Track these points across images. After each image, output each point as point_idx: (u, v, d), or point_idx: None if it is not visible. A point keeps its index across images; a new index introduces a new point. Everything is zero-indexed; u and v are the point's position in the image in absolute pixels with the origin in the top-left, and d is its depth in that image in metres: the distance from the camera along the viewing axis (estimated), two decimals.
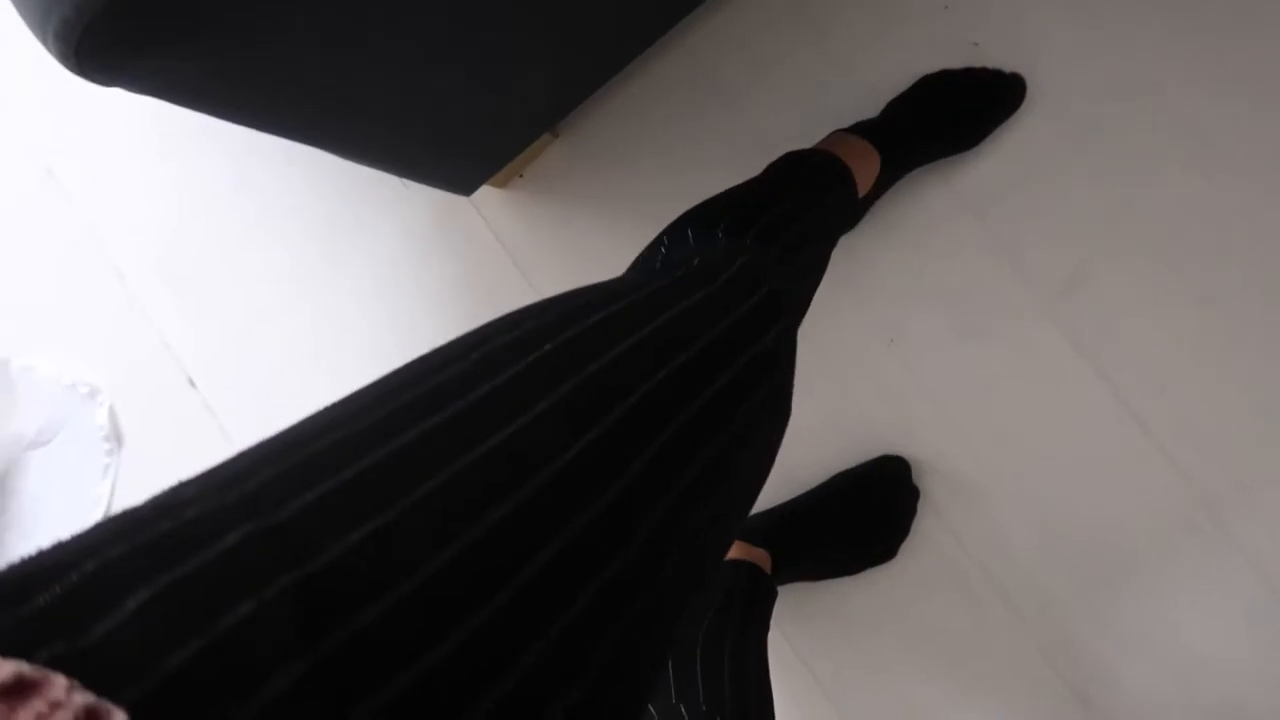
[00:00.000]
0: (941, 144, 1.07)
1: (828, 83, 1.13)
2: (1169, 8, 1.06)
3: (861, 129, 1.03)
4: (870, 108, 1.10)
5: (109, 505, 1.27)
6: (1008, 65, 1.08)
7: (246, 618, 0.27)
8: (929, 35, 1.10)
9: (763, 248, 0.63)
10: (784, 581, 1.08)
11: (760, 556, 1.04)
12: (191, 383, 1.27)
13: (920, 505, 1.10)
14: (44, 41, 0.50)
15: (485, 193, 1.20)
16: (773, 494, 1.12)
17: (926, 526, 1.11)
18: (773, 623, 1.00)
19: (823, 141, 1.00)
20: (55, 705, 0.21)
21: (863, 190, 0.96)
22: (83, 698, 0.22)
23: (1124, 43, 1.07)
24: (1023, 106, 1.08)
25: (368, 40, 0.71)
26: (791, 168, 0.86)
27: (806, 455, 1.13)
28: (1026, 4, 1.09)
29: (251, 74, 0.64)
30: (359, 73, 0.73)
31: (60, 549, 0.28)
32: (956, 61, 1.09)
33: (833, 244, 0.83)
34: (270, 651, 0.27)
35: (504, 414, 0.38)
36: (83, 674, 0.23)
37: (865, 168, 0.97)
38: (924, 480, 1.11)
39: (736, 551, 1.04)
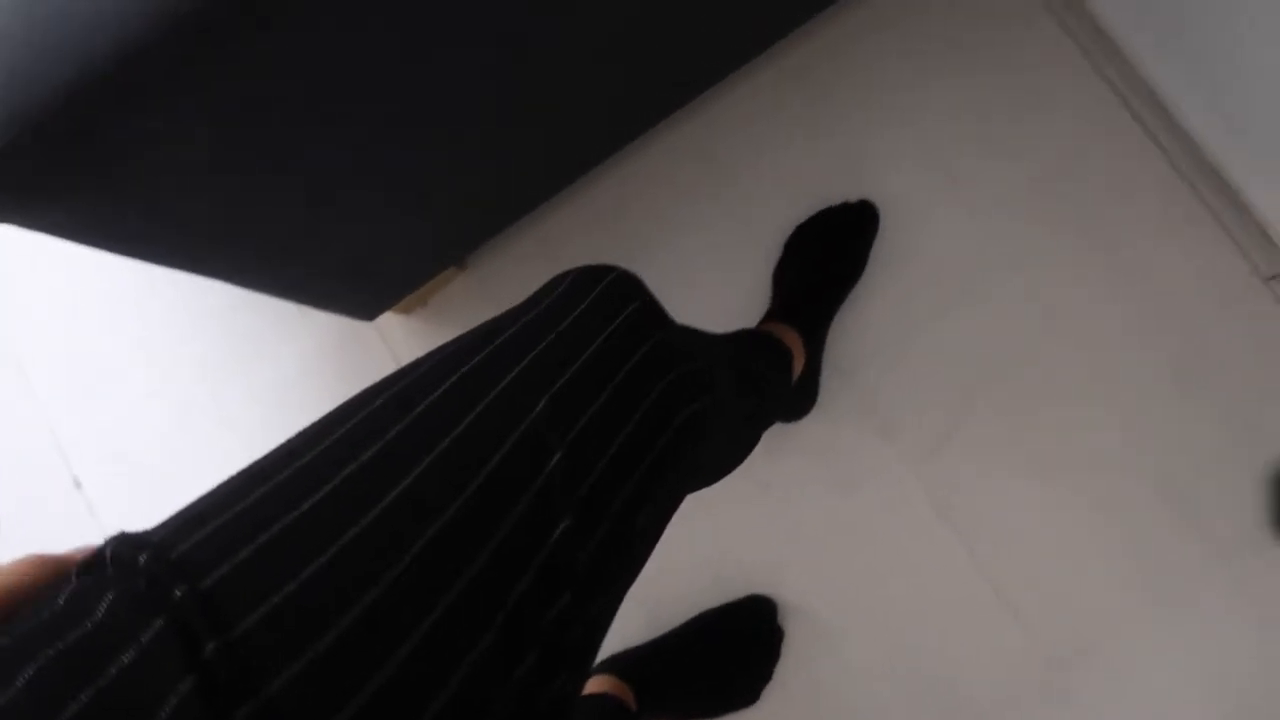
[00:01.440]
0: (835, 288, 1.15)
1: (728, 227, 1.21)
2: (1014, 173, 1.17)
3: (771, 315, 1.12)
4: (769, 245, 1.19)
5: None
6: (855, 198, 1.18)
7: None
8: (806, 178, 1.20)
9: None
10: (648, 718, 1.10)
11: (624, 691, 1.06)
12: (77, 483, 1.27)
13: (784, 647, 1.14)
14: None
15: (389, 317, 1.24)
16: (640, 629, 1.15)
17: (788, 671, 1.14)
18: None
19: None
20: None
21: (797, 371, 1.06)
22: None
23: (982, 218, 1.17)
24: (889, 270, 1.17)
25: (268, 187, 0.76)
26: (758, 339, 0.95)
27: (676, 592, 1.16)
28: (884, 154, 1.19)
29: (145, 220, 0.68)
30: (257, 218, 0.78)
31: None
32: (823, 189, 1.19)
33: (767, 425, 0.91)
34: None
35: (396, 471, 0.42)
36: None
37: (797, 352, 1.06)
38: (789, 622, 1.15)
39: (601, 685, 1.06)
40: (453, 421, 0.45)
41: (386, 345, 1.25)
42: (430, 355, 0.50)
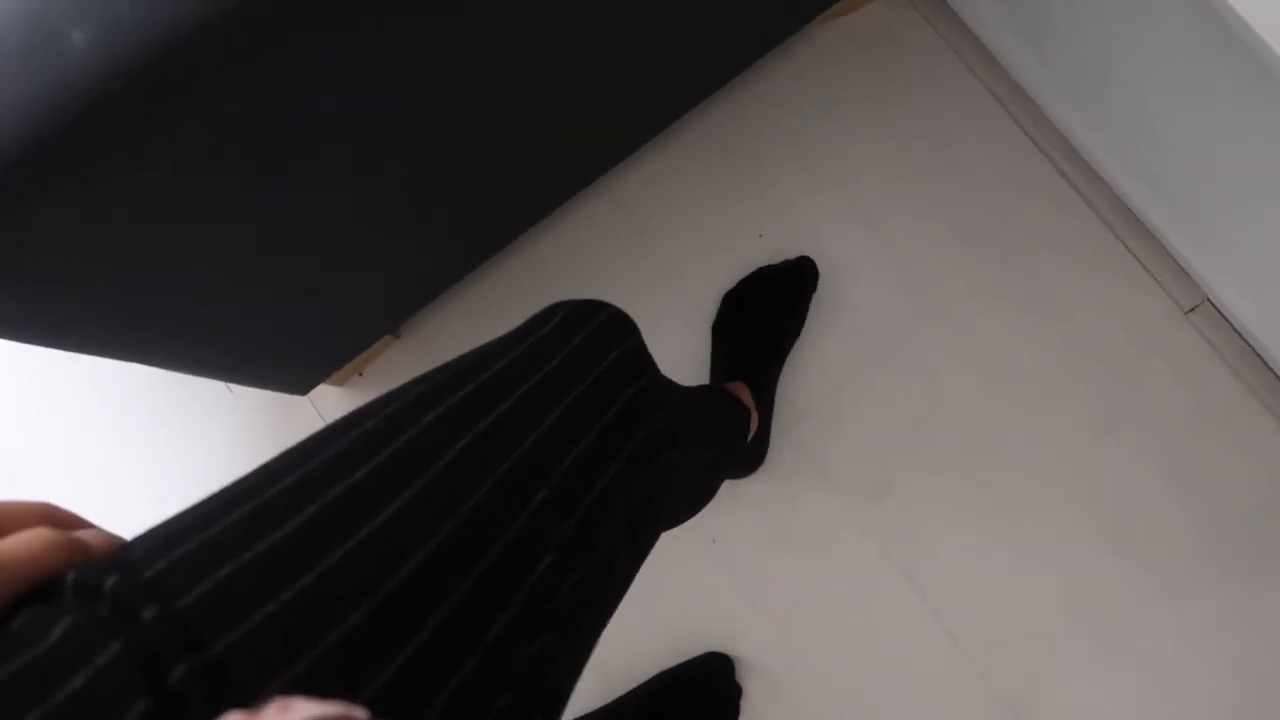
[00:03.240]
0: (781, 345, 1.16)
1: (658, 289, 1.22)
2: (943, 218, 1.19)
3: (723, 373, 1.13)
4: (698, 309, 1.19)
5: None
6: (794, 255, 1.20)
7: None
8: (733, 241, 1.21)
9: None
10: None
11: None
12: None
13: (742, 703, 1.12)
14: None
15: (323, 389, 1.22)
16: (596, 693, 1.13)
17: None
18: None
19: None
20: None
21: (753, 429, 1.07)
22: None
23: (912, 260, 1.19)
24: (823, 324, 1.18)
25: (190, 269, 0.74)
26: (718, 395, 0.97)
27: (631, 652, 1.14)
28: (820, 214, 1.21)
29: (60, 309, 0.66)
30: (180, 300, 0.76)
31: None
32: (752, 252, 1.20)
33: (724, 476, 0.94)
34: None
35: (378, 500, 0.41)
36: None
37: (752, 409, 1.07)
38: (746, 679, 1.14)
39: None
40: (438, 454, 0.44)
41: (322, 418, 1.23)
42: (417, 382, 0.49)
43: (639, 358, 0.57)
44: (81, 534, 0.37)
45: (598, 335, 0.55)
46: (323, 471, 0.42)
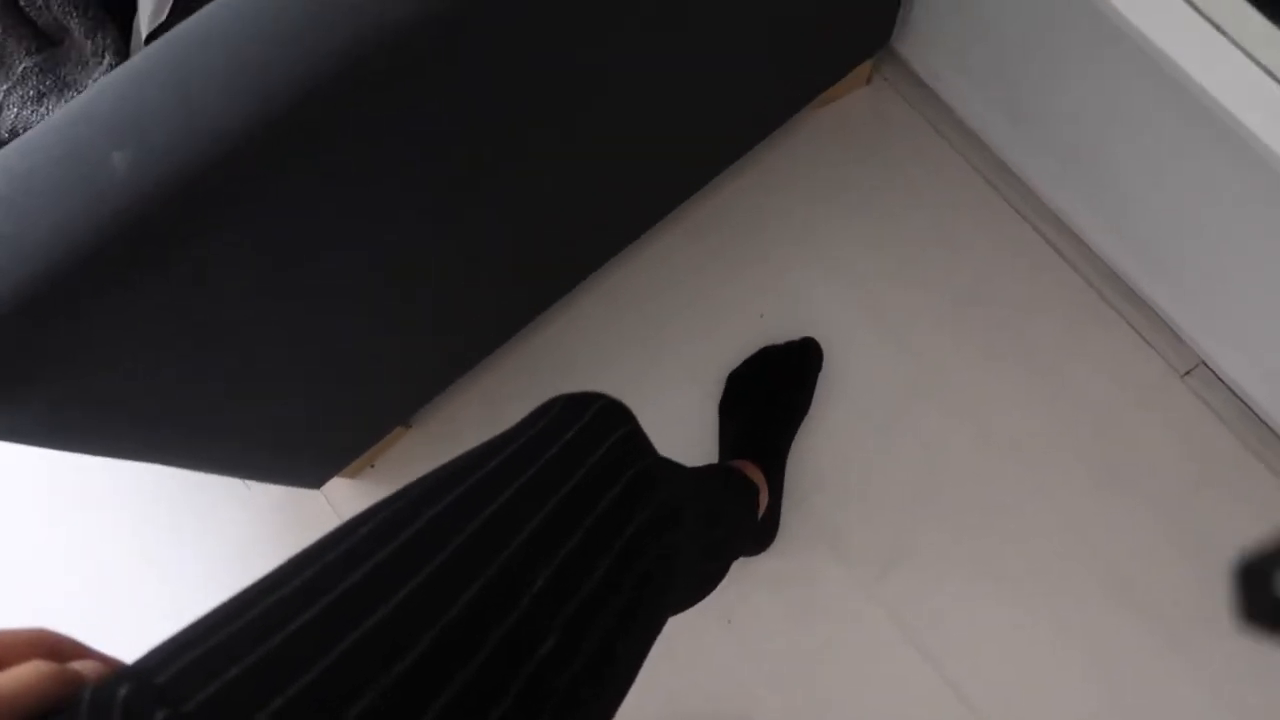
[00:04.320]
0: (790, 423, 1.18)
1: (662, 371, 1.24)
2: (943, 308, 1.22)
3: (733, 453, 1.14)
4: (702, 389, 1.21)
5: None
6: (796, 334, 1.23)
7: None
8: (734, 322, 1.24)
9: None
10: None
11: None
12: None
13: None
14: None
15: (336, 482, 1.23)
16: None
17: None
18: None
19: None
20: None
21: (763, 506, 1.09)
22: None
23: (905, 336, 1.22)
24: (828, 398, 1.20)
25: (210, 376, 0.76)
26: (728, 475, 0.99)
27: None
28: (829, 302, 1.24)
29: (75, 413, 0.68)
30: (196, 404, 0.78)
31: None
32: (753, 331, 1.23)
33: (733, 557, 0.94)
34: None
35: (379, 595, 0.43)
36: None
37: (762, 487, 1.08)
38: None
39: None
40: (437, 548, 0.46)
41: (335, 511, 1.24)
42: (415, 485, 0.51)
43: (636, 443, 0.58)
44: (78, 665, 0.39)
45: (592, 425, 0.57)
46: (323, 575, 0.44)
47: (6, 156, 0.56)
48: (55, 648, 0.39)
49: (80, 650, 0.41)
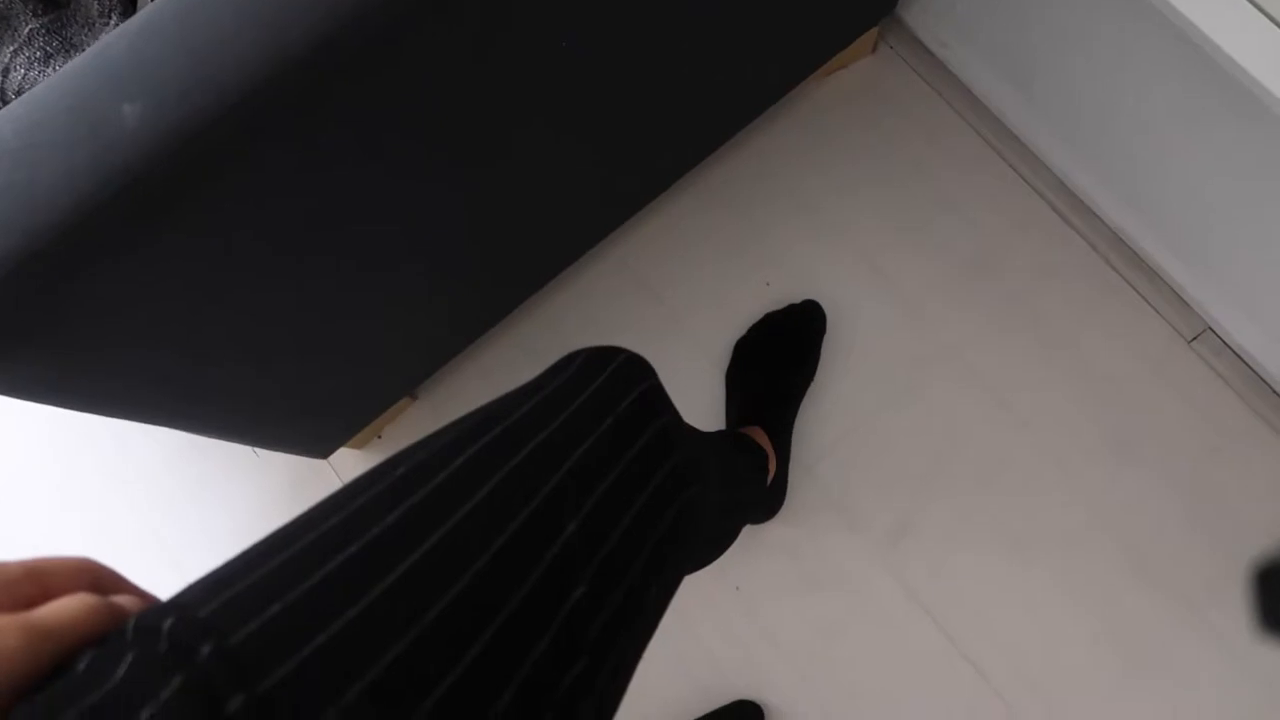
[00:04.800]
0: (796, 389, 1.18)
1: (669, 341, 1.24)
2: (954, 272, 1.22)
3: (740, 419, 1.14)
4: (709, 358, 1.21)
5: None
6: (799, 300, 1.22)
7: None
8: (741, 291, 1.24)
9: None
10: None
11: None
12: None
13: None
14: None
15: (343, 453, 1.23)
16: None
17: None
18: None
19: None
20: None
21: (771, 472, 1.09)
22: None
23: (917, 307, 1.22)
24: (835, 366, 1.20)
25: (222, 339, 0.76)
26: (738, 441, 0.99)
27: (659, 703, 1.14)
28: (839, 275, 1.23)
29: (91, 374, 0.68)
30: (207, 368, 0.78)
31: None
32: (760, 300, 1.23)
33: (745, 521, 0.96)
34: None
35: (415, 537, 0.43)
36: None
37: (770, 453, 1.09)
38: None
39: None
40: (469, 493, 0.46)
41: (341, 481, 1.24)
42: (446, 430, 0.51)
43: (658, 399, 0.59)
44: (120, 600, 0.39)
45: (615, 378, 0.57)
46: (360, 515, 0.44)
47: (15, 108, 0.55)
48: (98, 578, 0.40)
49: (121, 584, 0.41)
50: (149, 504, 1.26)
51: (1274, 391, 1.13)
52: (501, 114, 0.76)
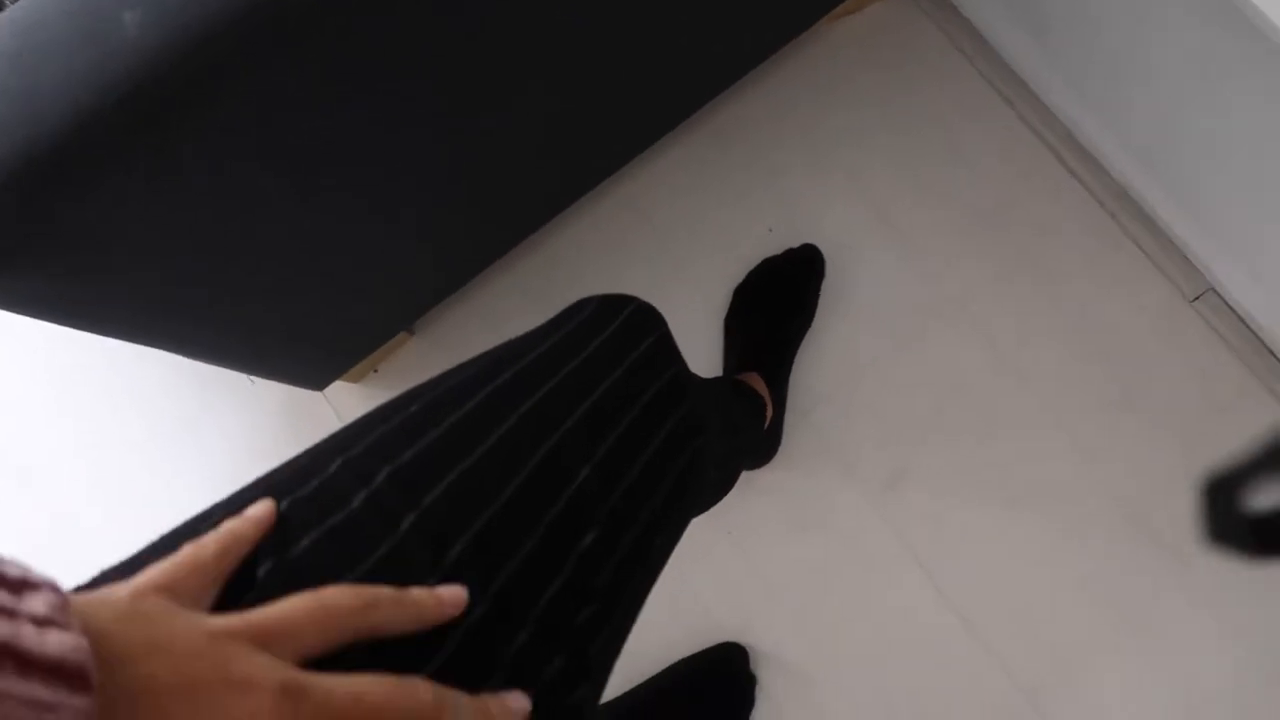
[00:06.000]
0: (793, 335, 1.17)
1: (669, 284, 1.23)
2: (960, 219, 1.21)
3: (738, 365, 1.14)
4: (709, 303, 1.21)
5: None
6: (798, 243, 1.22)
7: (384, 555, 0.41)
8: (743, 236, 1.23)
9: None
10: None
11: None
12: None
13: (757, 693, 1.13)
14: None
15: (339, 386, 1.23)
16: (613, 683, 1.13)
17: (764, 717, 1.13)
18: None
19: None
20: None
21: (768, 418, 1.10)
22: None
23: (922, 253, 1.21)
24: (835, 313, 1.20)
25: (220, 263, 0.75)
26: (736, 386, 1.00)
27: (646, 643, 1.15)
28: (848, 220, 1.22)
29: (94, 291, 0.67)
30: (204, 292, 0.77)
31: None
32: (761, 246, 1.22)
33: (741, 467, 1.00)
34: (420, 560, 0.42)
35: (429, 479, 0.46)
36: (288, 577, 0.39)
37: (767, 399, 1.09)
38: (762, 669, 1.14)
39: None
40: (483, 436, 0.46)
41: (337, 414, 1.24)
42: (454, 372, 0.51)
43: (667, 348, 0.59)
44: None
45: (627, 326, 0.57)
46: (379, 446, 0.46)
47: (15, 11, 0.54)
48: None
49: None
50: (143, 425, 1.26)
51: (1273, 354, 1.13)
52: (501, 55, 0.75)
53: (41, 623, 0.27)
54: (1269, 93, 0.83)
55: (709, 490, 0.75)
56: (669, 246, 1.25)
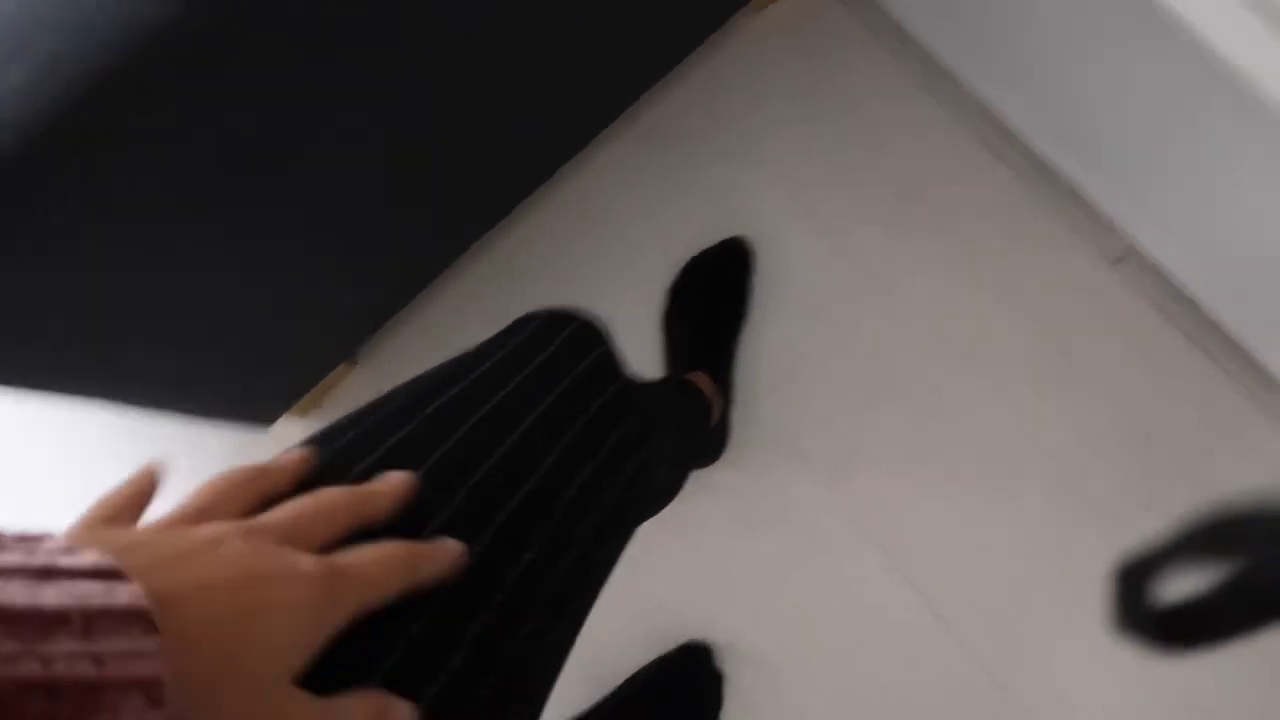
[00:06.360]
0: (733, 330, 1.19)
1: (608, 289, 1.24)
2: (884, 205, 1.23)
3: (682, 364, 1.15)
4: (650, 304, 1.22)
5: None
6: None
7: None
8: (678, 234, 1.24)
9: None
10: None
11: None
12: None
13: (726, 689, 1.14)
14: None
15: (285, 423, 1.22)
16: (581, 694, 1.14)
17: (734, 714, 1.14)
18: None
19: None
20: None
21: (715, 417, 1.10)
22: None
23: (849, 238, 1.23)
24: (772, 305, 1.21)
25: (144, 300, 0.75)
26: (681, 388, 1.01)
27: (612, 650, 1.15)
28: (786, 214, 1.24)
29: (11, 342, 0.67)
30: (134, 338, 0.77)
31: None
32: (698, 242, 1.23)
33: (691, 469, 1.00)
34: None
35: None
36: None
37: (713, 398, 1.10)
38: (729, 664, 1.15)
39: None
40: (425, 455, 0.47)
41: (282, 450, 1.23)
42: (395, 393, 0.52)
43: (612, 363, 0.59)
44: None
45: (570, 343, 0.58)
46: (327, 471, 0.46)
47: None
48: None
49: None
50: (88, 488, 1.24)
51: (1198, 309, 1.16)
52: (437, 51, 0.75)
53: (66, 550, 0.30)
54: (1161, 54, 0.86)
55: (654, 498, 0.75)
56: (604, 253, 1.26)
